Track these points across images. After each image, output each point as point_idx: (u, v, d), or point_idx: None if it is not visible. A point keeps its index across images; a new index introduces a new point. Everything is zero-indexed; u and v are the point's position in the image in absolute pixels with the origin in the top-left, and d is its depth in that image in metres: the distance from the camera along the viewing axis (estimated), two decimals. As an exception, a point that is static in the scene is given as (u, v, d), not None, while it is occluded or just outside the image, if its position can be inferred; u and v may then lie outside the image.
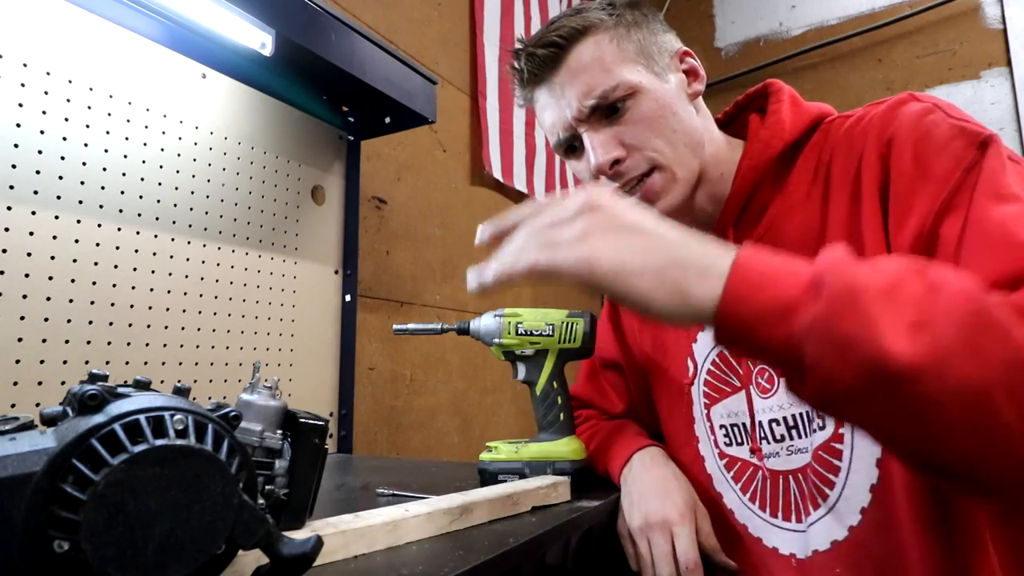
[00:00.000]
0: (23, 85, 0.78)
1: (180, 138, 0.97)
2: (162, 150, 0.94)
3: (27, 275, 0.77)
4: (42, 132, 0.80)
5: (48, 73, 0.81)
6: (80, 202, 0.84)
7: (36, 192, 0.79)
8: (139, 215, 0.90)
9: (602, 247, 0.42)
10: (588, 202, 0.44)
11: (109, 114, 0.87)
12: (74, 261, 0.82)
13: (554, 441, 0.74)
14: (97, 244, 0.85)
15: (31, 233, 0.78)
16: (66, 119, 0.82)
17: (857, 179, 0.61)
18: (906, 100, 0.60)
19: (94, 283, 0.84)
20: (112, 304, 0.86)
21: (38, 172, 0.79)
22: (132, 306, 0.89)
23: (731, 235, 0.70)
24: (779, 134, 0.67)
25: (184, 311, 0.95)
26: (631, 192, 0.67)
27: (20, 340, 0.76)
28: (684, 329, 0.77)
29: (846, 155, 0.63)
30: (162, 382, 0.90)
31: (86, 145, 0.85)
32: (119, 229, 0.88)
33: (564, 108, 0.67)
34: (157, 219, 0.93)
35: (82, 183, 0.84)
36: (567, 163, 0.74)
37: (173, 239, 0.95)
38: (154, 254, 0.92)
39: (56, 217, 0.81)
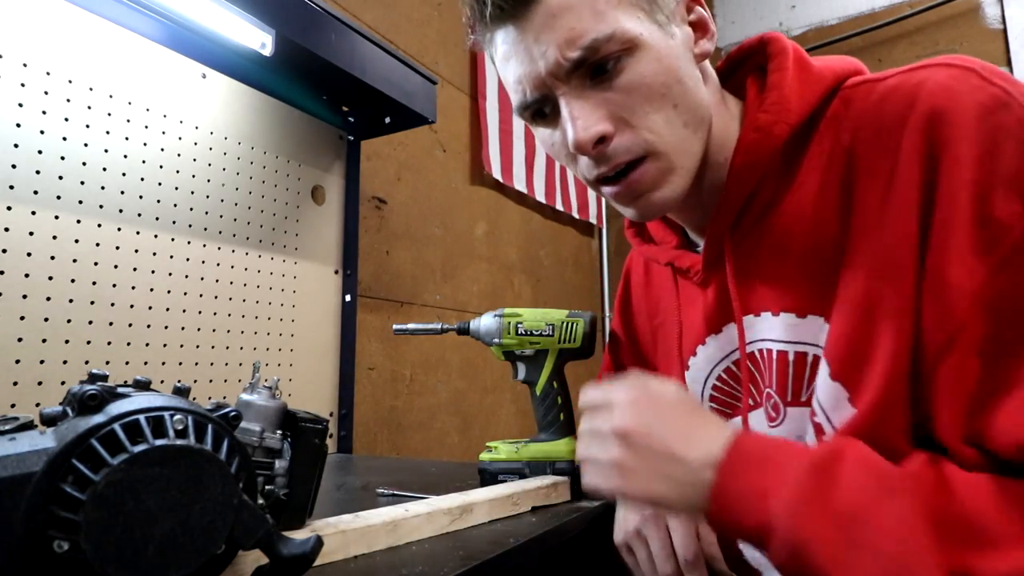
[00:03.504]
0: (23, 85, 0.78)
1: (180, 138, 0.97)
2: (162, 150, 0.94)
3: (27, 275, 0.77)
4: (42, 132, 0.80)
5: (48, 73, 0.81)
6: (80, 202, 0.84)
7: (36, 192, 0.79)
8: (139, 215, 0.90)
9: (632, 484, 0.48)
10: (620, 429, 0.49)
11: (109, 114, 0.87)
12: (74, 261, 0.82)
13: (554, 441, 0.74)
14: (97, 244, 0.85)
15: (31, 233, 0.78)
16: (66, 119, 0.82)
17: (891, 179, 0.47)
18: (962, 73, 0.45)
19: (94, 283, 0.84)
20: (112, 304, 0.86)
21: (38, 172, 0.79)
22: (132, 306, 0.89)
23: (728, 242, 0.58)
24: (783, 117, 0.52)
25: (184, 311, 0.95)
26: (614, 181, 0.54)
27: (20, 340, 0.76)
28: (676, 353, 0.69)
29: (875, 140, 0.48)
30: (162, 382, 0.90)
31: (86, 145, 0.85)
32: (119, 229, 0.88)
33: (537, 59, 0.51)
34: (157, 219, 0.93)
35: (82, 183, 0.84)
36: (534, 131, 0.59)
37: (173, 239, 0.95)
38: (154, 254, 0.92)
39: (56, 217, 0.81)
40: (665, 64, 0.51)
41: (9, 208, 0.76)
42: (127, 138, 0.89)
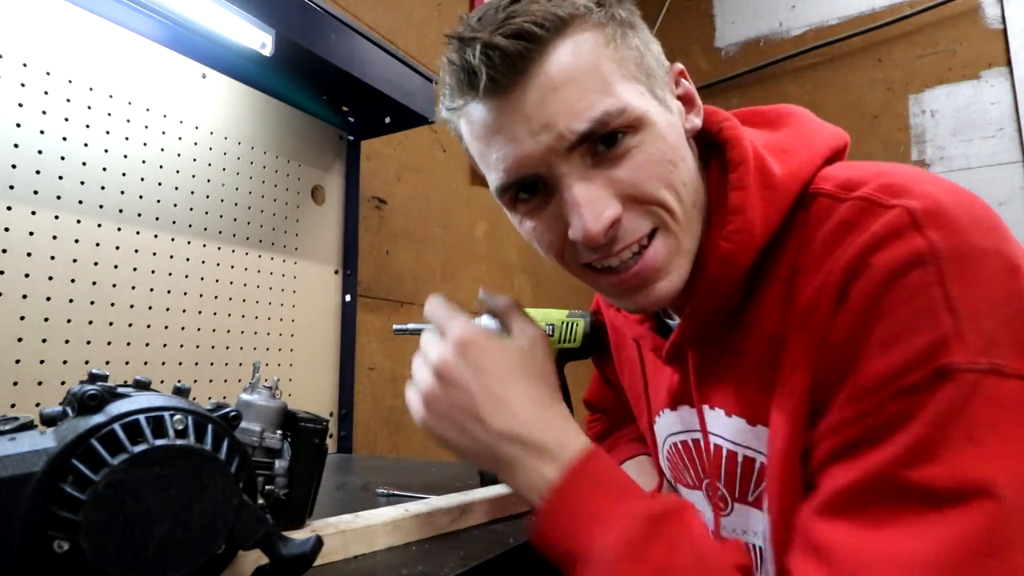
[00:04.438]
0: (23, 85, 0.78)
1: (180, 138, 0.97)
2: (162, 150, 0.94)
3: (27, 275, 0.77)
4: (42, 132, 0.80)
5: (48, 73, 0.81)
6: (80, 202, 0.84)
7: (36, 192, 0.79)
8: (139, 215, 0.90)
9: (433, 420, 0.49)
10: (439, 365, 0.49)
11: (109, 114, 0.87)
12: (74, 261, 0.82)
13: (554, 441, 0.74)
14: (97, 244, 0.85)
15: (31, 233, 0.78)
16: (66, 119, 0.82)
17: (812, 309, 0.45)
18: (898, 219, 0.40)
19: (94, 283, 0.84)
20: (112, 304, 0.86)
21: (38, 172, 0.79)
22: (132, 306, 0.89)
23: (691, 355, 0.56)
24: (747, 244, 0.48)
25: (184, 311, 0.95)
26: (627, 266, 0.49)
27: (20, 340, 0.76)
28: (644, 405, 0.67)
29: (814, 271, 0.45)
30: (162, 382, 0.90)
31: (86, 145, 0.85)
32: (119, 229, 0.88)
33: (536, 133, 0.45)
34: (157, 219, 0.93)
35: (82, 183, 0.84)
36: (512, 215, 0.54)
37: (173, 239, 0.95)
38: (154, 254, 0.92)
39: (56, 217, 0.81)
40: (670, 142, 0.48)
41: (9, 208, 0.76)
42: (127, 138, 0.89)
